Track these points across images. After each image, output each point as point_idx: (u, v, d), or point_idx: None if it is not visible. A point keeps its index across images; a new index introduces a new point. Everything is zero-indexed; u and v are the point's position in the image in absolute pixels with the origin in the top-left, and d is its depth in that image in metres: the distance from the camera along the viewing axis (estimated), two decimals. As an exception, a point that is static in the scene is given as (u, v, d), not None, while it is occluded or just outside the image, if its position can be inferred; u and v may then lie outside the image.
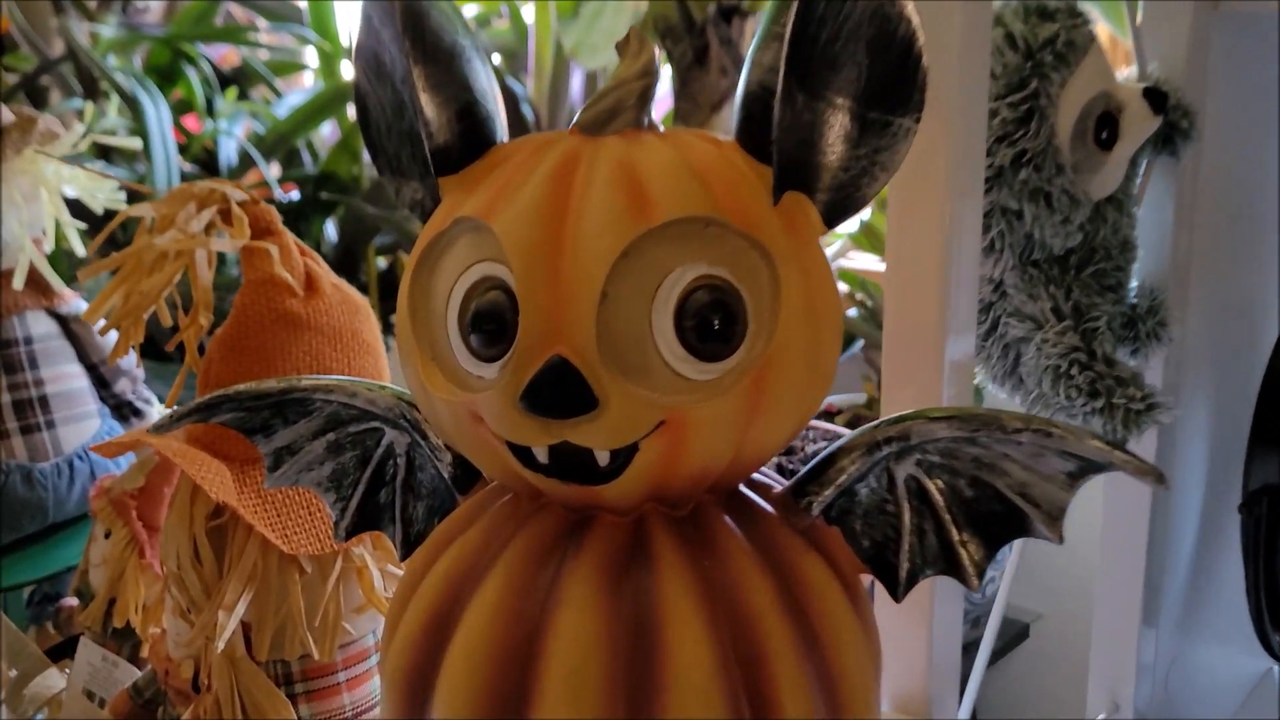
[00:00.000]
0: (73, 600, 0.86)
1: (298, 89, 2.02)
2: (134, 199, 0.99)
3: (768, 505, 0.36)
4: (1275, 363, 0.65)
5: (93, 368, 0.94)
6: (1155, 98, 0.52)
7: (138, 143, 0.93)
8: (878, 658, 0.37)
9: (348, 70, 1.84)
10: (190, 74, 1.80)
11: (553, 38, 1.57)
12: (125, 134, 1.53)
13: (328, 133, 1.97)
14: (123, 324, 0.51)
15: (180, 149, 1.72)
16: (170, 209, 0.51)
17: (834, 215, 0.33)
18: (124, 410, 0.98)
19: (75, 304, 0.92)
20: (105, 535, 0.70)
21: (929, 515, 0.36)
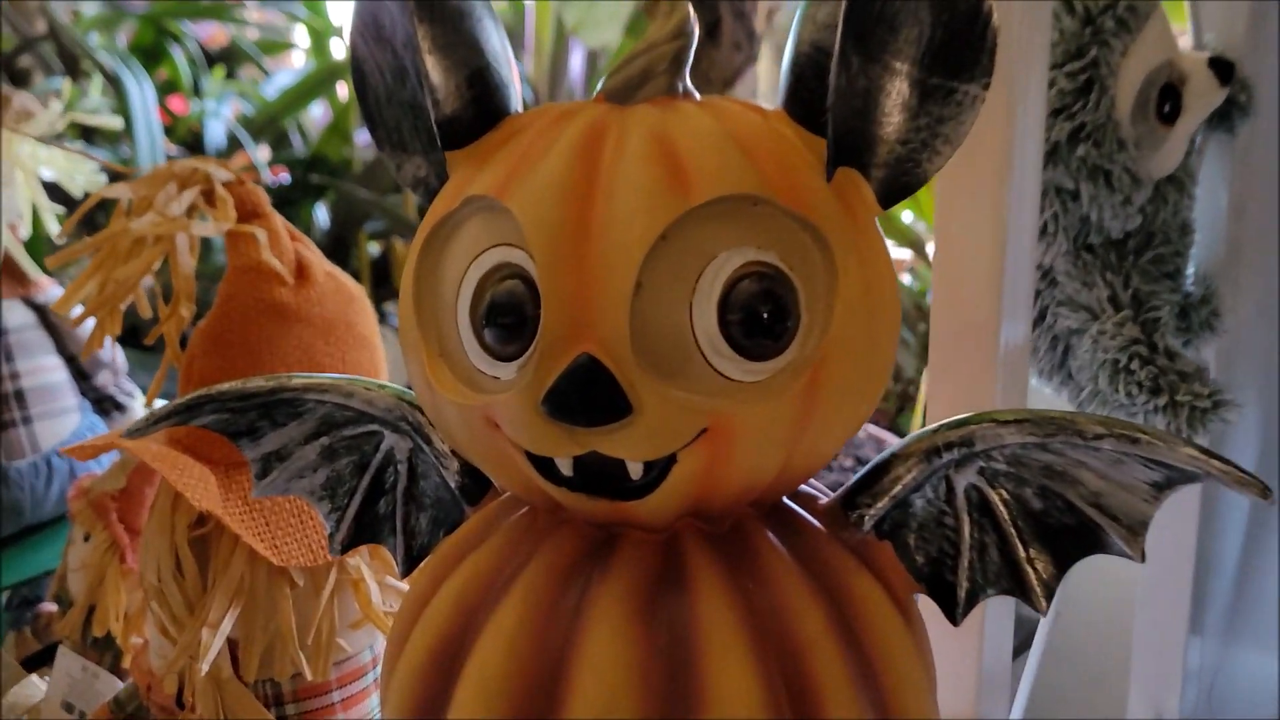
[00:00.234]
0: (52, 606, 0.83)
1: (287, 68, 1.98)
2: (116, 181, 0.95)
3: (814, 519, 0.33)
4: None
5: (72, 360, 0.91)
6: (1221, 68, 0.49)
7: (118, 122, 0.90)
8: (934, 686, 0.34)
9: (339, 49, 1.81)
10: (176, 53, 1.76)
11: (553, 14, 1.53)
12: (109, 115, 1.49)
13: (319, 114, 1.93)
14: (98, 315, 0.48)
15: (166, 131, 1.69)
16: (149, 190, 0.47)
17: (890, 194, 0.30)
18: (105, 404, 0.95)
19: (53, 292, 0.89)
20: (85, 538, 0.68)
21: (991, 529, 0.33)
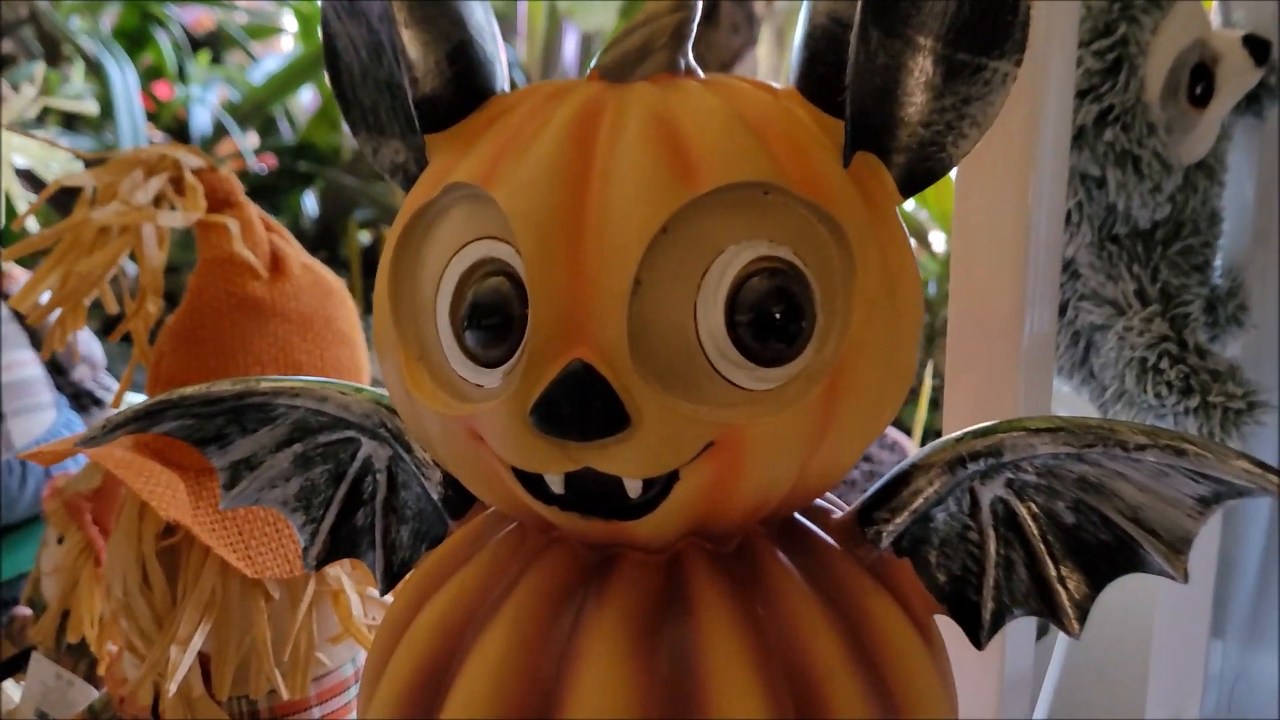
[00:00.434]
0: (26, 610, 0.80)
1: (275, 54, 1.95)
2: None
3: (828, 536, 0.30)
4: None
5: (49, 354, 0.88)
6: (1257, 47, 0.46)
7: (93, 107, 0.87)
8: (956, 714, 0.31)
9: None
10: (161, 38, 1.74)
11: (546, -3, 1.50)
12: (96, 105, 1.47)
13: (307, 100, 1.91)
14: (60, 310, 0.45)
15: (150, 117, 1.66)
16: (113, 177, 0.45)
17: (912, 181, 0.28)
18: (83, 400, 0.92)
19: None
20: (59, 540, 0.65)
21: (1019, 545, 0.31)
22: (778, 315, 0.25)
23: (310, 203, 1.70)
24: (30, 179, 0.85)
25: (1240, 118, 0.53)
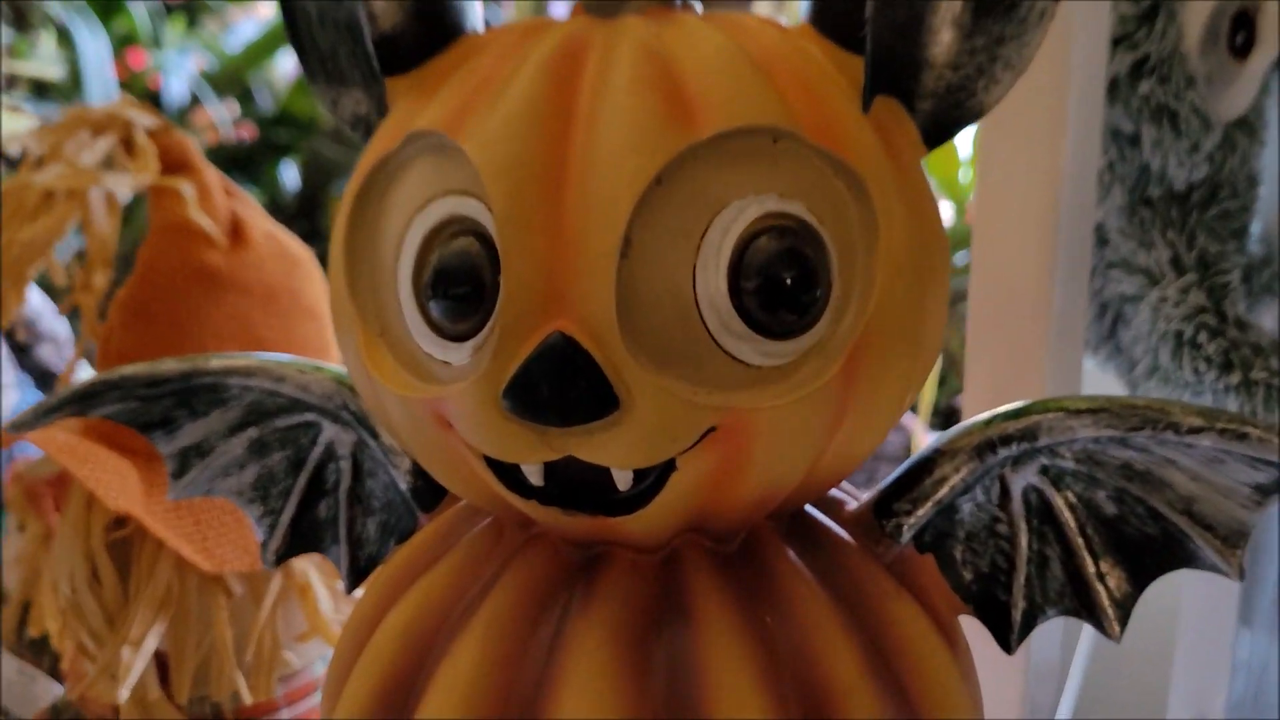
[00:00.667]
0: (-13, 600, 0.78)
1: (252, 19, 1.91)
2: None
3: (843, 531, 0.27)
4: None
5: (9, 332, 0.85)
6: (1302, -7, 0.43)
7: (56, 71, 0.83)
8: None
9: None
10: (134, 3, 1.69)
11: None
12: (63, 71, 1.43)
13: (287, 68, 1.87)
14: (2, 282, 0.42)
15: (122, 86, 1.62)
16: (58, 138, 0.41)
17: (938, 131, 0.25)
18: (48, 380, 0.89)
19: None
20: (21, 528, 0.63)
21: (1055, 539, 0.28)
22: (789, 280, 0.22)
23: (291, 173, 1.66)
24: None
25: (1276, 72, 0.50)
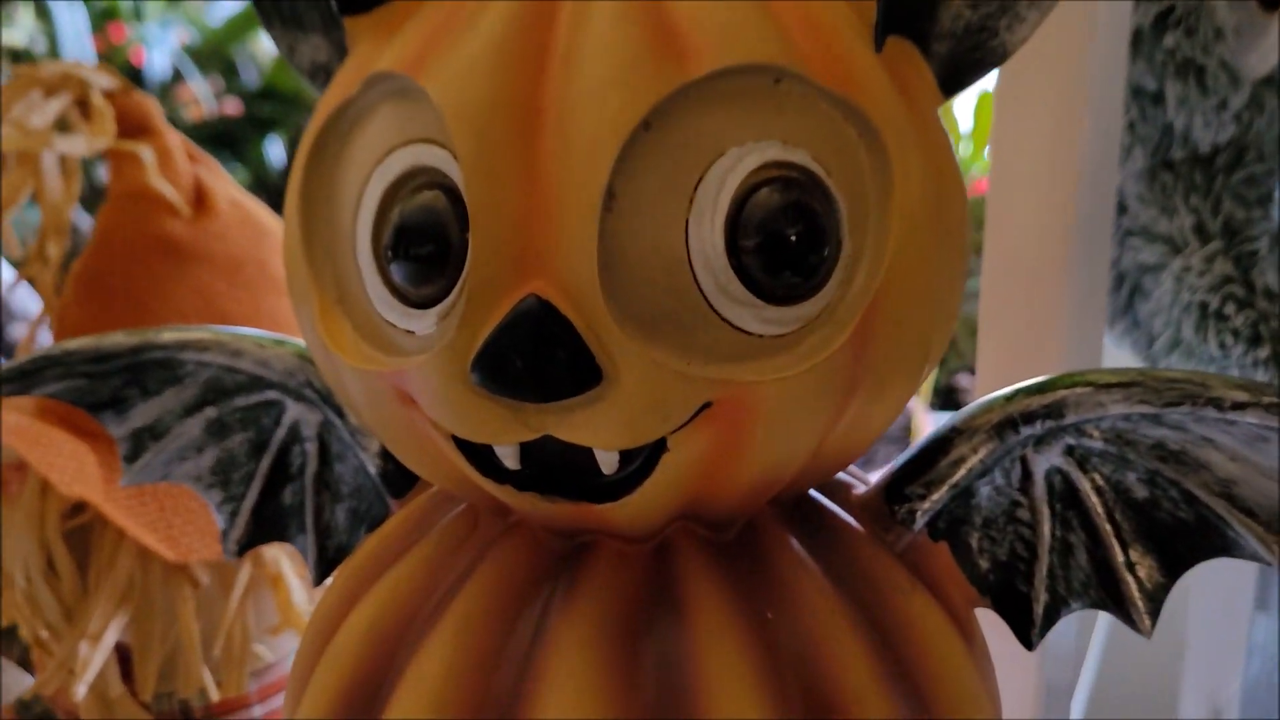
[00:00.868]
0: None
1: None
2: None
3: (850, 518, 0.25)
4: None
5: (-23, 310, 0.83)
6: (1336, -60, 0.41)
7: (20, 36, 0.81)
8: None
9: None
10: (113, -25, 1.66)
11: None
12: (42, 45, 1.40)
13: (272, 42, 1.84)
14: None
15: (103, 60, 1.59)
16: (8, 99, 0.39)
17: (955, 76, 0.23)
18: (21, 359, 0.87)
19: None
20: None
21: (1080, 526, 0.26)
22: (793, 238, 0.19)
23: (277, 149, 1.63)
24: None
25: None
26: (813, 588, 0.23)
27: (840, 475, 0.26)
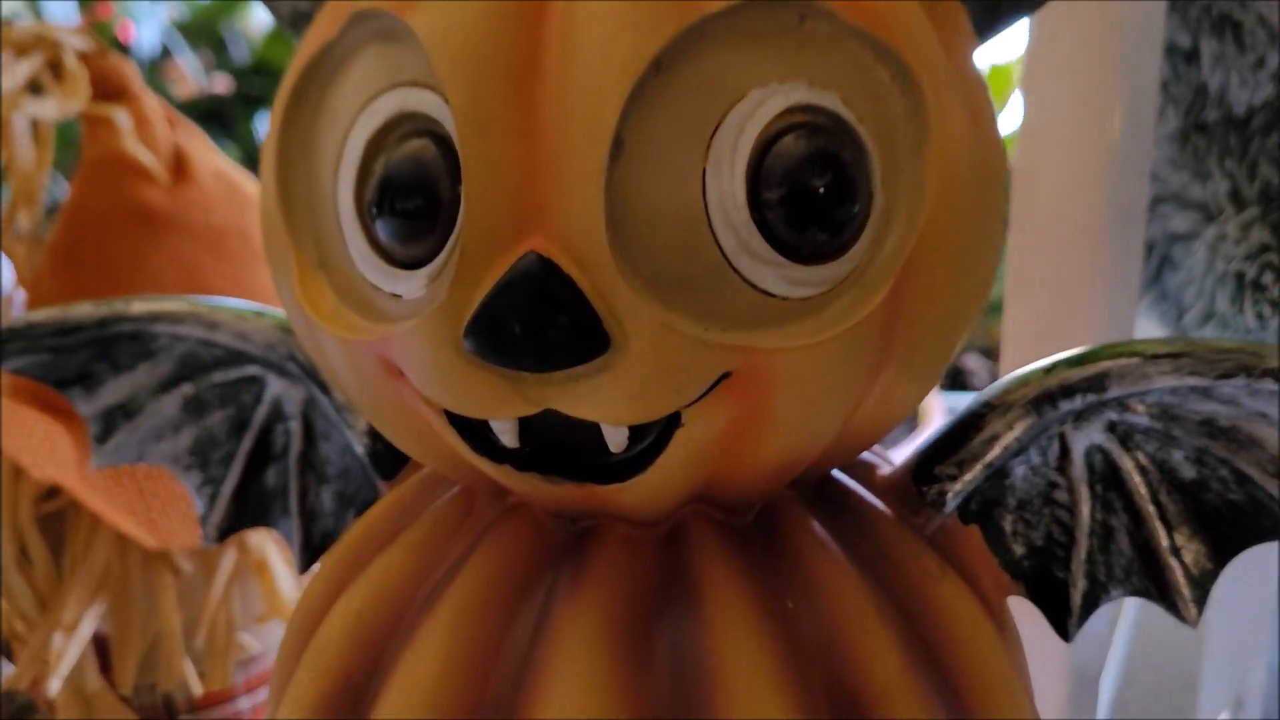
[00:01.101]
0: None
1: (225, -35, 1.85)
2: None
3: (876, 499, 0.23)
4: None
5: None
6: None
7: (4, 12, 0.78)
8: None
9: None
10: (97, -54, 1.64)
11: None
12: (28, 21, 1.38)
13: (264, 16, 1.81)
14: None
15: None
16: (-25, 61, 0.37)
17: (988, 20, 0.21)
18: None
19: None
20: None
21: (1122, 508, 0.25)
22: (821, 190, 0.18)
23: (268, 126, 1.61)
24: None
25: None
26: (837, 574, 0.21)
27: (863, 455, 0.25)
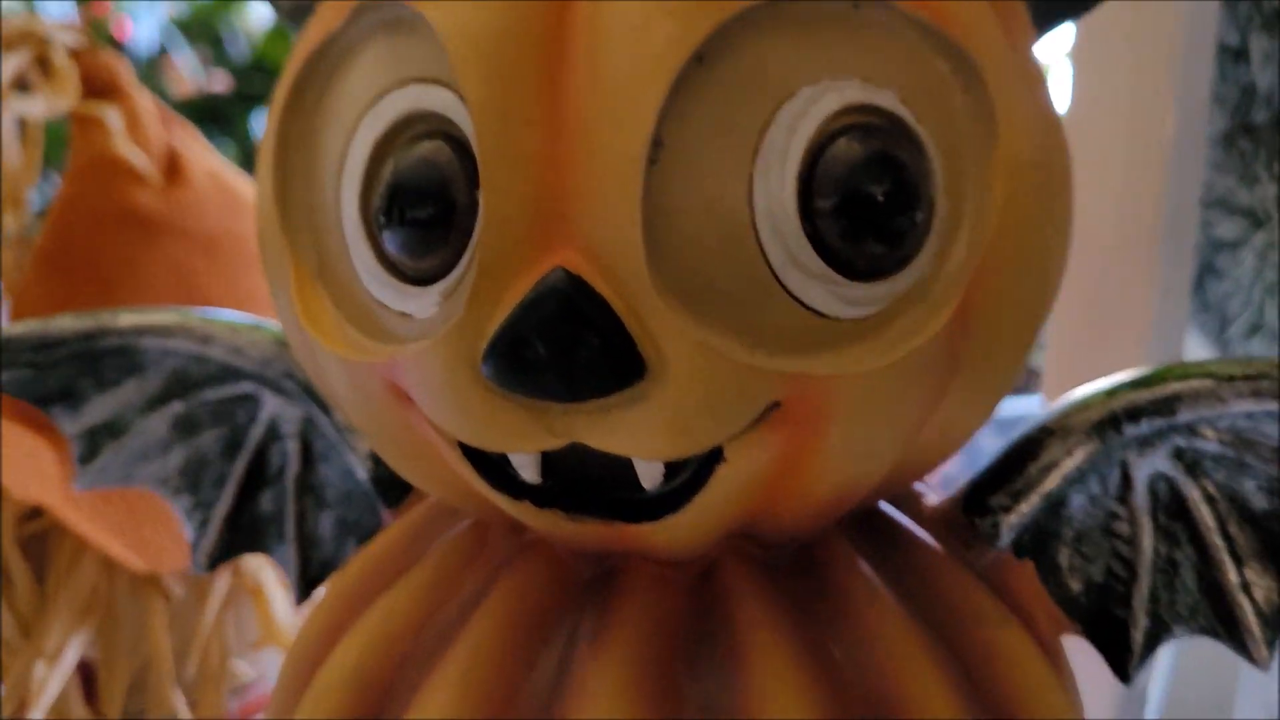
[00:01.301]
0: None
1: (223, -37, 1.84)
2: None
3: (924, 533, 0.22)
4: None
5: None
6: None
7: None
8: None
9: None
10: (93, -57, 1.63)
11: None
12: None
13: (263, 13, 1.80)
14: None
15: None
16: (-41, 57, 0.35)
17: (1047, 13, 0.20)
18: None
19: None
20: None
21: (1187, 541, 0.23)
22: (880, 197, 0.16)
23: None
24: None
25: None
26: (885, 617, 0.20)
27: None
